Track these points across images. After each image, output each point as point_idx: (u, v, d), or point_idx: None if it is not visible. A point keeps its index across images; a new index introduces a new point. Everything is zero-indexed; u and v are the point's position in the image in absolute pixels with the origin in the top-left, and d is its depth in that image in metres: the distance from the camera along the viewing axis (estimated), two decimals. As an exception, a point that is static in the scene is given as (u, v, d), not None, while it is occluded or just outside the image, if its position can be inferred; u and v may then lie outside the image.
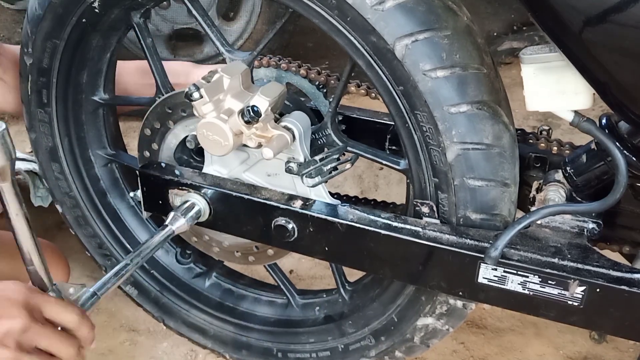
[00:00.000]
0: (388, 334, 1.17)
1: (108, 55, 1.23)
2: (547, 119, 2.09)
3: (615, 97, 0.85)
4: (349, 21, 0.90)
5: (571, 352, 1.42)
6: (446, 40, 0.89)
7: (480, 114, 0.91)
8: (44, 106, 1.23)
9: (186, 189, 1.11)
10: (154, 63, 1.16)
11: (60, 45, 1.15)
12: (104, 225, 1.36)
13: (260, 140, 1.00)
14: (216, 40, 1.11)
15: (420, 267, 0.98)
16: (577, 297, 0.90)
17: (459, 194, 0.96)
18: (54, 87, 1.20)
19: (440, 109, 0.90)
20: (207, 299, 1.37)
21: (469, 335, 1.47)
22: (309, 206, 1.04)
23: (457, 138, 0.92)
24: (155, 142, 1.18)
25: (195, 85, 0.97)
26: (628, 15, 0.75)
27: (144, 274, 1.39)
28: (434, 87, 0.89)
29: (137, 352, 1.47)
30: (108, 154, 1.33)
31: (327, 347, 1.25)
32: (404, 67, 0.90)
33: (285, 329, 1.30)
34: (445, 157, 0.93)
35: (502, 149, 0.94)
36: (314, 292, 1.32)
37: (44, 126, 1.25)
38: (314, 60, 1.26)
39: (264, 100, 0.98)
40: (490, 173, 0.94)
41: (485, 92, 0.91)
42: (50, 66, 1.17)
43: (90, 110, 1.28)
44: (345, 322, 1.22)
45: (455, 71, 0.89)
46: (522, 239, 0.95)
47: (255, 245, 1.20)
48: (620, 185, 0.88)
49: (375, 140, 1.18)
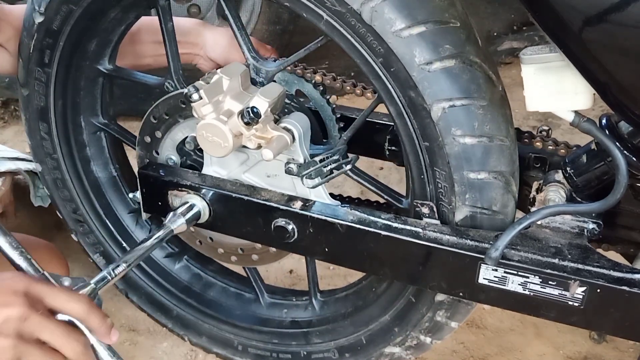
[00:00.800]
0: (353, 353, 1.20)
1: (122, 27, 1.22)
2: (547, 119, 2.09)
3: (615, 97, 0.85)
4: (392, 72, 0.91)
5: (571, 352, 1.42)
6: (481, 111, 0.91)
7: (495, 183, 0.94)
8: (44, 66, 1.20)
9: (185, 190, 1.11)
10: (170, 47, 1.15)
11: (77, 12, 1.12)
12: (83, 192, 1.35)
13: (260, 142, 1.00)
14: (244, 45, 1.07)
15: (421, 267, 0.98)
16: (577, 298, 0.90)
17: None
18: (59, 50, 1.18)
19: (461, 172, 0.93)
20: (175, 280, 1.37)
21: (469, 335, 1.47)
22: (308, 207, 1.04)
23: (469, 202, 0.95)
24: (159, 130, 1.17)
25: (195, 86, 0.97)
26: (628, 15, 0.75)
27: (115, 246, 1.38)
28: (460, 152, 0.92)
29: (137, 352, 1.47)
30: (100, 122, 1.32)
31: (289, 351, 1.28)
32: (435, 127, 0.92)
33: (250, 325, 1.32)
34: (453, 216, 0.96)
35: (506, 216, 0.98)
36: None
37: (39, 85, 1.23)
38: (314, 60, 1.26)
39: (263, 102, 0.98)
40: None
41: (504, 164, 0.94)
42: (61, 29, 1.15)
43: (91, 77, 1.26)
44: (313, 332, 1.23)
45: (483, 141, 0.92)
46: (522, 240, 0.95)
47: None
48: (621, 186, 0.88)
49: (375, 141, 1.19)
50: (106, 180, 1.36)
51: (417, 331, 1.12)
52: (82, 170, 1.34)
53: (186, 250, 1.38)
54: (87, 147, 1.33)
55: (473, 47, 0.91)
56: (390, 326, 1.14)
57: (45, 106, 1.26)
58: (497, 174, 0.94)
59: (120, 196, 1.37)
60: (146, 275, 1.38)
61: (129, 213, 1.38)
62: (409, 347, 1.15)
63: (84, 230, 1.38)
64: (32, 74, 1.22)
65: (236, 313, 1.33)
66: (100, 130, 1.33)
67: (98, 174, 1.35)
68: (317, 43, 1.01)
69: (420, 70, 0.89)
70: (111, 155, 1.35)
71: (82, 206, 1.36)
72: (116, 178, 1.37)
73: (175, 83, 1.15)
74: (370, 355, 1.19)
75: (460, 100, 0.90)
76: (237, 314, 1.33)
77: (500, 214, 0.97)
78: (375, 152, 1.20)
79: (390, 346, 1.16)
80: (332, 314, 1.23)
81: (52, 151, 1.31)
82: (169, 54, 1.15)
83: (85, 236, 1.39)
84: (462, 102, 0.90)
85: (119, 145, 1.37)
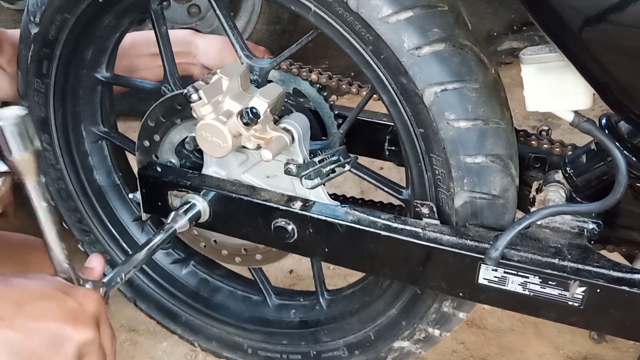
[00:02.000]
0: (362, 349, 1.19)
1: (117, 35, 1.22)
2: (547, 119, 2.09)
3: (615, 97, 0.84)
4: (382, 59, 0.91)
5: (571, 352, 1.42)
6: (474, 94, 0.90)
7: (493, 166, 0.94)
8: (42, 76, 1.21)
9: (185, 191, 1.11)
10: (165, 52, 1.15)
11: (71, 20, 1.13)
12: (87, 201, 1.35)
13: (259, 142, 1.00)
14: (236, 43, 1.07)
15: (421, 268, 0.98)
16: (577, 298, 0.90)
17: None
18: (56, 59, 1.18)
19: (457, 157, 0.93)
20: (183, 286, 1.37)
21: (469, 335, 1.47)
22: (308, 207, 1.04)
23: (468, 187, 0.94)
24: (157, 133, 1.17)
25: (194, 86, 0.97)
26: (628, 15, 0.75)
27: (122, 254, 1.38)
28: (455, 136, 0.91)
29: (137, 352, 1.47)
30: (100, 130, 1.32)
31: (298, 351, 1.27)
32: (429, 112, 0.91)
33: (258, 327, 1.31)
34: (453, 202, 0.96)
35: (506, 200, 0.97)
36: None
37: (39, 96, 1.23)
38: (314, 60, 1.26)
39: (262, 102, 0.98)
40: (492, 221, 0.97)
41: (501, 147, 0.94)
42: (57, 39, 1.15)
43: (89, 86, 1.26)
44: (321, 331, 1.23)
45: (478, 124, 0.91)
46: (522, 240, 0.95)
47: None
48: (621, 186, 0.88)
49: (374, 141, 1.19)
50: (110, 188, 1.36)
51: (424, 323, 1.10)
52: (86, 180, 1.34)
53: (192, 256, 1.38)
54: (89, 157, 1.33)
55: (462, 30, 0.91)
56: (398, 320, 1.13)
57: (45, 117, 1.26)
58: (494, 157, 0.93)
59: (124, 204, 1.37)
60: (154, 282, 1.38)
61: (134, 220, 1.37)
62: (417, 341, 1.14)
63: (90, 240, 1.38)
64: (31, 85, 1.23)
65: (244, 316, 1.33)
66: (102, 138, 1.33)
67: (101, 182, 1.35)
68: (309, 37, 1.01)
69: (409, 56, 0.89)
70: (113, 163, 1.35)
71: (87, 215, 1.36)
72: (120, 186, 1.37)
73: (172, 87, 1.15)
74: (380, 351, 1.18)
75: (452, 83, 0.90)
76: (245, 317, 1.33)
77: (501, 198, 0.96)
78: (375, 152, 1.21)
79: (399, 340, 1.15)
80: (339, 312, 1.22)
81: (55, 162, 1.31)
82: (164, 59, 1.15)
83: (92, 245, 1.39)
84: (454, 86, 0.90)
85: (121, 153, 1.37)
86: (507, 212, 0.97)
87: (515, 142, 0.97)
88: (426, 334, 1.12)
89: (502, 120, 0.94)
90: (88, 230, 1.37)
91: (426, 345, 1.15)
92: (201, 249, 1.27)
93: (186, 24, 2.14)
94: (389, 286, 1.13)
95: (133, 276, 1.36)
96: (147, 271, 1.37)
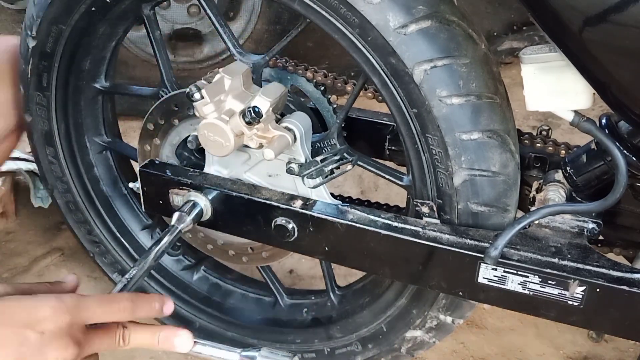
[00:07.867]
0: (376, 342, 1.19)
1: (113, 43, 1.22)
2: (547, 119, 2.10)
3: (615, 97, 0.85)
4: (369, 41, 0.91)
5: (571, 352, 1.43)
6: (464, 69, 0.90)
7: (489, 142, 0.93)
8: (42, 90, 1.22)
9: (187, 189, 1.11)
10: (160, 56, 1.16)
11: (66, 31, 1.14)
12: (95, 212, 1.36)
13: (262, 141, 1.00)
14: (228, 40, 1.09)
15: (420, 267, 0.99)
16: (577, 297, 0.90)
17: (460, 218, 0.97)
18: (55, 72, 1.19)
19: (452, 135, 0.92)
20: (195, 292, 1.37)
21: (469, 335, 1.48)
22: (309, 206, 1.04)
23: (466, 164, 0.93)
24: (157, 137, 1.18)
25: (197, 85, 0.97)
26: (628, 15, 0.75)
27: (132, 263, 1.38)
28: (448, 114, 0.91)
29: (137, 352, 1.47)
30: (104, 141, 1.33)
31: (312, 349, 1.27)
32: (420, 91, 0.91)
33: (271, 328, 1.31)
34: (452, 182, 0.95)
35: (507, 176, 0.95)
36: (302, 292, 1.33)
37: (41, 109, 1.24)
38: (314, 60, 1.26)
39: (265, 101, 0.98)
40: (494, 199, 0.96)
41: (497, 121, 0.93)
42: (54, 51, 1.16)
43: (90, 96, 1.27)
44: (334, 327, 1.23)
45: (471, 99, 0.91)
46: (522, 239, 0.95)
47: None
48: (620, 185, 0.88)
49: (375, 141, 1.19)
50: (117, 198, 1.37)
51: (435, 310, 1.10)
52: (93, 191, 1.34)
53: (202, 261, 1.38)
54: (94, 167, 1.34)
55: (448, 5, 0.90)
56: (408, 309, 1.12)
57: (49, 130, 1.27)
58: (490, 132, 0.92)
59: (132, 213, 1.38)
60: (165, 289, 1.38)
61: (143, 229, 1.38)
62: (430, 329, 1.13)
63: (100, 251, 1.39)
64: (33, 99, 1.24)
65: (257, 318, 1.33)
66: (106, 149, 1.34)
67: (108, 193, 1.36)
68: (298, 28, 1.02)
69: (396, 35, 0.89)
70: (119, 172, 1.36)
71: (96, 227, 1.37)
72: (127, 195, 1.37)
73: (169, 90, 1.16)
74: (393, 343, 1.17)
75: (441, 60, 0.89)
76: (258, 318, 1.33)
77: (501, 175, 0.95)
78: (376, 152, 1.21)
79: (411, 330, 1.14)
80: (351, 307, 1.22)
81: (62, 174, 1.32)
82: (160, 63, 1.16)
83: (103, 256, 1.40)
84: (443, 62, 0.89)
85: (126, 162, 1.37)
86: (509, 190, 0.96)
87: (512, 117, 0.96)
88: (438, 322, 1.11)
89: (496, 94, 0.93)
90: (98, 241, 1.38)
91: (439, 333, 1.14)
92: (208, 251, 1.27)
93: (186, 24, 2.14)
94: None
95: (144, 284, 1.37)
96: (158, 279, 1.37)
